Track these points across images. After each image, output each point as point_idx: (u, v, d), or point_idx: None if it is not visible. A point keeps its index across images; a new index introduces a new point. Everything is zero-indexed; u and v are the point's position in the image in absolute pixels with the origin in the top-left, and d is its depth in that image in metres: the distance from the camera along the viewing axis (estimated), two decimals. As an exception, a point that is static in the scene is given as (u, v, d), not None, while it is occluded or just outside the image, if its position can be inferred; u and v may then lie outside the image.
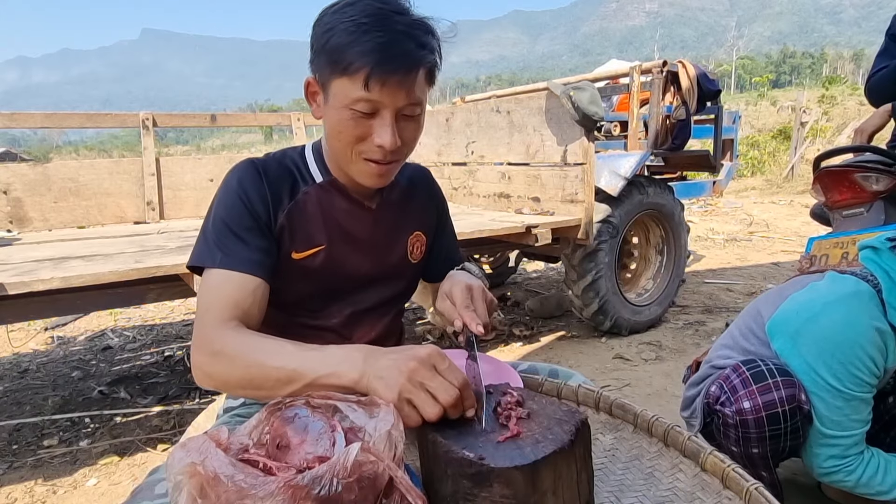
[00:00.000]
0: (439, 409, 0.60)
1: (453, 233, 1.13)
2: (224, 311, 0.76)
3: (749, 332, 1.36)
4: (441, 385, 0.62)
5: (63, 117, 2.87)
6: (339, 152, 0.84)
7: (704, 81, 3.12)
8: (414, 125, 0.83)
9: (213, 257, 0.81)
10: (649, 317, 3.16)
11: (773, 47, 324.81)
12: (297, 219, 0.88)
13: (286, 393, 0.68)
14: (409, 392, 0.62)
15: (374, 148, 0.80)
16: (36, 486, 1.85)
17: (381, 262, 0.98)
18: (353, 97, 0.76)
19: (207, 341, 0.74)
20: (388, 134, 0.78)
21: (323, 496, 0.46)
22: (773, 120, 15.58)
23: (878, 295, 1.16)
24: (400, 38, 0.75)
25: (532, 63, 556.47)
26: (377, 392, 0.64)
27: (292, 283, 0.89)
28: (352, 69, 0.74)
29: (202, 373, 0.74)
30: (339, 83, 0.77)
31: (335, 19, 0.76)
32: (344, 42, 0.74)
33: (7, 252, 2.04)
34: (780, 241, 5.68)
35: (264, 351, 0.72)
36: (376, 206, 0.96)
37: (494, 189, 3.19)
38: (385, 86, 0.75)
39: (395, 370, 0.64)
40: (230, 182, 0.85)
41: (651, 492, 0.65)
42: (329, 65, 0.77)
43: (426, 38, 0.78)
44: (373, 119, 0.79)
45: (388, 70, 0.74)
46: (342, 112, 0.78)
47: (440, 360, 0.64)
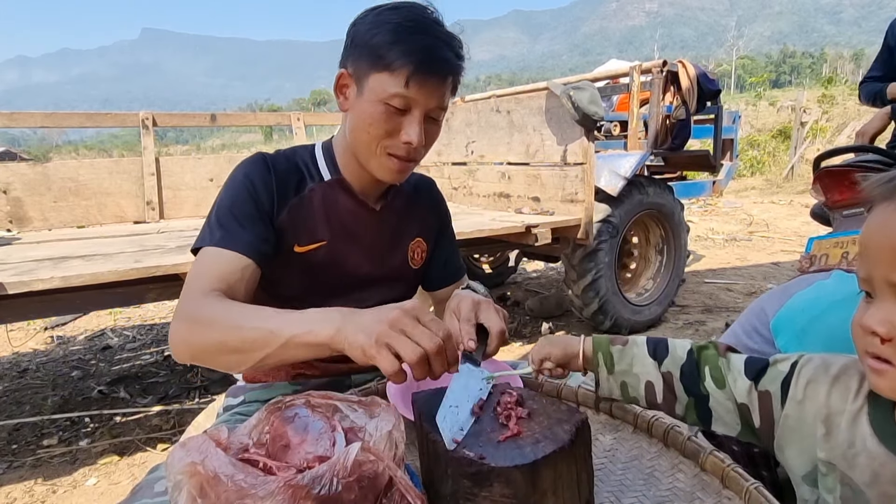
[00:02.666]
0: (420, 353, 0.59)
1: (454, 243, 1.13)
2: (209, 282, 0.77)
3: (752, 330, 1.36)
4: (423, 332, 0.60)
5: (63, 117, 2.87)
6: (364, 144, 0.86)
7: (704, 81, 3.12)
8: (436, 129, 0.88)
9: (211, 236, 0.82)
10: (649, 316, 3.16)
11: (773, 47, 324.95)
12: (302, 213, 0.90)
13: (263, 356, 0.67)
14: (387, 336, 0.60)
15: (400, 144, 0.84)
16: (36, 486, 1.85)
17: (381, 264, 0.99)
18: (390, 92, 0.80)
19: (187, 309, 0.74)
20: (416, 132, 0.82)
21: (323, 496, 0.46)
22: (772, 120, 15.59)
23: None
24: (441, 45, 0.81)
25: (532, 63, 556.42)
26: (353, 342, 0.61)
27: (294, 276, 0.91)
28: (395, 66, 0.79)
29: (180, 339, 0.73)
30: (377, 78, 0.80)
31: (380, 19, 0.80)
32: (389, 40, 0.78)
33: (7, 252, 2.04)
34: (779, 241, 5.68)
35: (243, 315, 0.71)
36: (380, 208, 0.97)
37: (494, 189, 3.19)
38: (423, 86, 0.80)
39: (374, 320, 0.62)
40: (239, 172, 0.88)
41: (651, 492, 0.65)
42: (370, 60, 0.80)
43: (460, 51, 0.84)
44: (403, 116, 0.82)
45: (429, 71, 0.79)
46: (376, 106, 0.81)
47: (423, 312, 0.63)
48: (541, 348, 0.79)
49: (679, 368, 0.73)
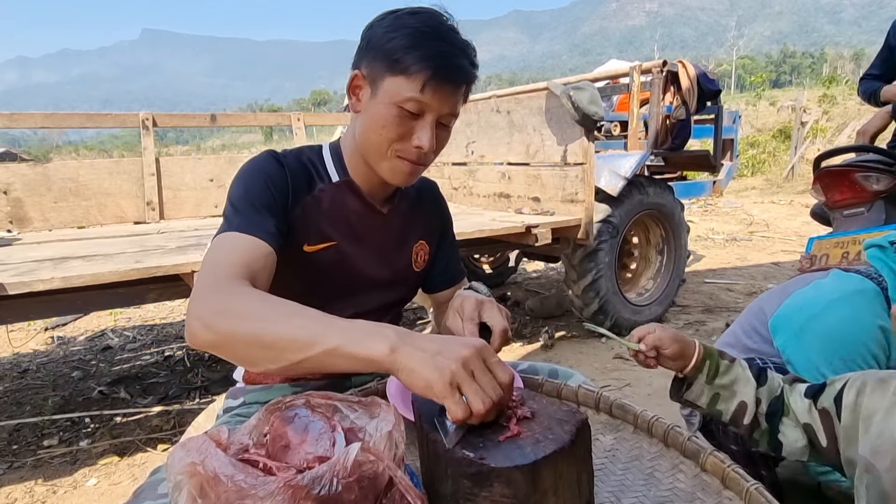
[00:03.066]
0: (489, 404, 0.54)
1: (455, 246, 1.14)
2: (235, 267, 0.72)
3: (752, 329, 1.36)
4: (490, 382, 0.56)
5: (63, 117, 2.88)
6: (375, 146, 0.85)
7: (704, 81, 3.12)
8: (446, 135, 0.88)
9: (230, 223, 0.80)
10: (649, 317, 3.16)
11: (773, 47, 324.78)
12: (312, 212, 0.90)
13: (300, 359, 0.61)
14: (461, 379, 0.54)
15: (411, 148, 0.84)
16: (36, 486, 1.85)
17: (387, 266, 1.00)
18: (405, 96, 0.80)
19: (215, 295, 0.67)
20: (428, 136, 0.82)
21: (323, 496, 0.46)
22: (773, 120, 15.58)
23: (883, 293, 1.15)
24: (457, 52, 0.81)
25: (532, 63, 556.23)
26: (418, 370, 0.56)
27: (299, 275, 0.90)
28: (411, 70, 0.79)
29: (202, 325, 0.65)
30: (393, 81, 0.80)
31: (399, 23, 0.81)
32: (406, 45, 0.79)
33: (7, 252, 2.04)
34: (780, 241, 5.68)
35: (286, 311, 0.65)
36: (387, 211, 0.98)
37: (494, 189, 3.19)
38: (438, 92, 0.80)
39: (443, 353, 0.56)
40: (253, 165, 0.87)
41: (651, 492, 0.65)
42: (387, 63, 0.80)
43: (474, 59, 0.85)
44: (415, 121, 0.83)
45: (445, 78, 0.80)
46: (390, 108, 0.81)
47: (489, 352, 0.59)
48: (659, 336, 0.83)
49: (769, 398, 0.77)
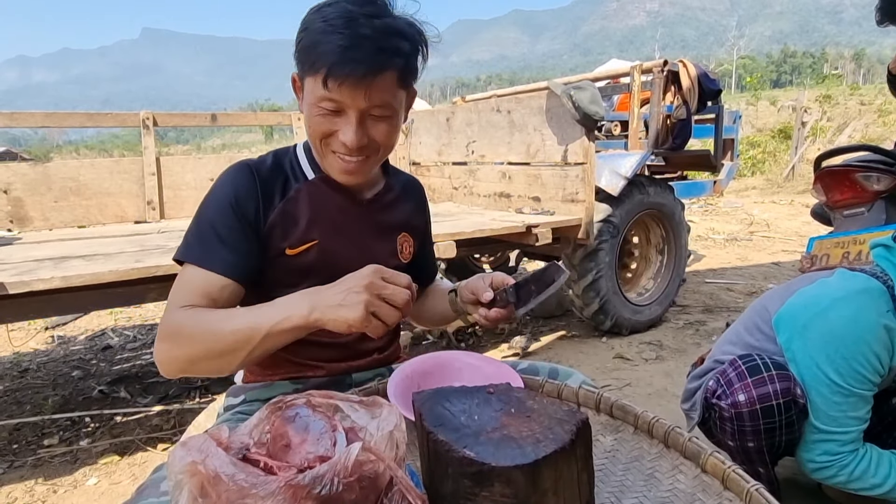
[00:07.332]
0: (399, 315, 0.68)
1: (433, 247, 1.21)
2: (186, 299, 0.79)
3: (754, 327, 1.36)
4: (395, 291, 0.69)
5: (63, 117, 2.87)
6: (314, 146, 0.88)
7: (705, 81, 3.12)
8: (385, 126, 0.85)
9: (191, 252, 0.84)
10: (650, 316, 3.16)
11: (773, 47, 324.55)
12: (290, 215, 0.90)
13: (249, 352, 0.73)
14: (373, 306, 0.67)
15: (340, 144, 0.84)
16: (36, 486, 1.85)
17: (372, 257, 0.98)
18: (318, 95, 0.80)
19: (168, 327, 0.77)
20: (350, 132, 0.81)
21: (324, 496, 0.46)
22: (773, 120, 15.57)
23: (888, 292, 1.15)
24: (361, 42, 0.75)
25: (532, 62, 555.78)
26: (338, 318, 0.68)
27: (288, 279, 0.90)
28: (314, 68, 0.78)
29: (167, 357, 0.76)
30: (308, 81, 0.81)
31: (312, 18, 0.79)
32: (313, 42, 0.77)
33: (7, 251, 2.04)
34: (780, 241, 5.68)
35: (218, 320, 0.75)
36: (367, 200, 0.98)
37: (495, 188, 3.19)
38: (342, 86, 0.77)
39: (352, 292, 0.68)
40: (222, 183, 0.89)
41: (651, 493, 0.65)
42: (300, 63, 0.81)
43: (394, 42, 0.78)
44: (339, 117, 0.82)
45: (343, 72, 0.76)
46: (312, 109, 0.82)
47: (382, 269, 0.71)
48: None
49: None
